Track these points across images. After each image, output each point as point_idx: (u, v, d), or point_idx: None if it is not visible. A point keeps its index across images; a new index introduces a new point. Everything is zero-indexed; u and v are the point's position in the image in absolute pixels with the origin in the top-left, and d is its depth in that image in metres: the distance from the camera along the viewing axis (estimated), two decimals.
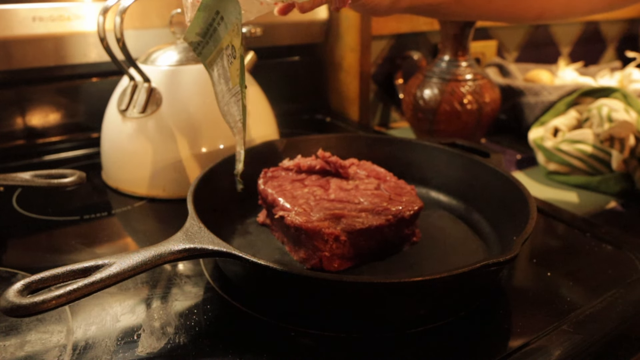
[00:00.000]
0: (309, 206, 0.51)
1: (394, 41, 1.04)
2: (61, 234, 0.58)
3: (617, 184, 0.72)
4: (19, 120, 0.80)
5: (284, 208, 0.51)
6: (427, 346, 0.40)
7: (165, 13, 0.81)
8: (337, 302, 0.42)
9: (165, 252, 0.40)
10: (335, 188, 0.55)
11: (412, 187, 0.57)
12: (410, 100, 0.87)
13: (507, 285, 0.49)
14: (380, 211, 0.51)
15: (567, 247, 0.56)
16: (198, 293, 0.47)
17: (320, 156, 0.60)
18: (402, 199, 0.54)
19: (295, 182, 0.57)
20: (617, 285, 0.48)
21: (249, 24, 0.79)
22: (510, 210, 0.53)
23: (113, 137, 0.68)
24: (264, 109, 0.74)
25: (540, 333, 0.41)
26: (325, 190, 0.55)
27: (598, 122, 0.76)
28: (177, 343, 0.40)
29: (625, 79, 1.03)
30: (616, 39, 1.47)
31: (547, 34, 1.31)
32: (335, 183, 0.57)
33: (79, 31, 0.77)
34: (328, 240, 0.47)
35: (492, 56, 1.17)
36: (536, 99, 0.92)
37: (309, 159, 0.61)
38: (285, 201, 0.52)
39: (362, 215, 0.50)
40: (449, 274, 0.38)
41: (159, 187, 0.66)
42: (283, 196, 0.53)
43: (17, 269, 0.50)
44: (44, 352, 0.39)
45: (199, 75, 0.67)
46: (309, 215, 0.49)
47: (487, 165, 0.59)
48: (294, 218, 0.48)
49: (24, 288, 0.35)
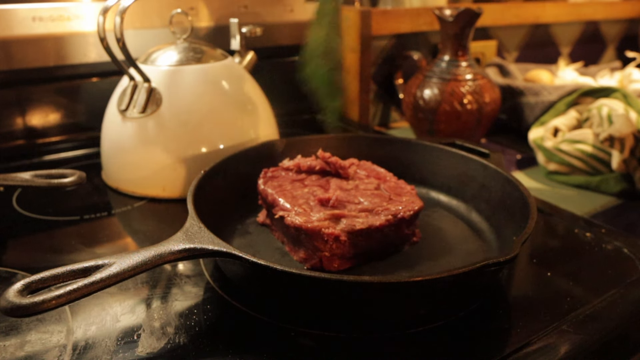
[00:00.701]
0: (309, 206, 0.51)
1: (394, 41, 1.04)
2: (61, 234, 0.58)
3: (617, 184, 0.72)
4: (19, 120, 0.80)
5: (284, 208, 0.51)
6: (427, 346, 0.40)
7: (165, 13, 0.81)
8: (337, 302, 0.42)
9: (165, 252, 0.40)
10: (335, 188, 0.55)
11: (412, 187, 0.57)
12: (410, 100, 0.87)
13: (507, 285, 0.49)
14: (380, 211, 0.51)
15: (567, 247, 0.56)
16: (198, 293, 0.47)
17: (320, 156, 0.60)
18: (402, 199, 0.54)
19: (295, 182, 0.57)
20: (617, 285, 0.48)
21: (248, 24, 0.79)
22: (510, 210, 0.53)
23: (113, 137, 0.68)
24: (264, 109, 0.74)
25: (540, 333, 0.41)
26: (325, 190, 0.55)
27: (598, 122, 0.76)
28: (177, 343, 0.40)
29: (625, 79, 1.03)
30: (616, 39, 1.47)
31: (547, 34, 1.31)
32: (335, 183, 0.57)
33: (79, 31, 0.77)
34: (328, 241, 0.47)
35: (492, 56, 1.17)
36: (536, 99, 0.92)
37: (309, 159, 0.61)
38: (285, 201, 0.52)
39: (362, 215, 0.50)
40: (449, 274, 0.38)
41: (159, 187, 0.66)
42: (283, 196, 0.53)
43: (17, 269, 0.50)
44: (44, 352, 0.39)
45: (199, 75, 0.67)
46: (309, 215, 0.49)
47: (487, 165, 0.59)
48: (294, 218, 0.48)
49: (24, 288, 0.35)
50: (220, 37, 0.86)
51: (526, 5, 1.21)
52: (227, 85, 0.69)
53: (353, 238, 0.48)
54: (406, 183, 0.58)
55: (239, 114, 0.69)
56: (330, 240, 0.47)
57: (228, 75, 0.70)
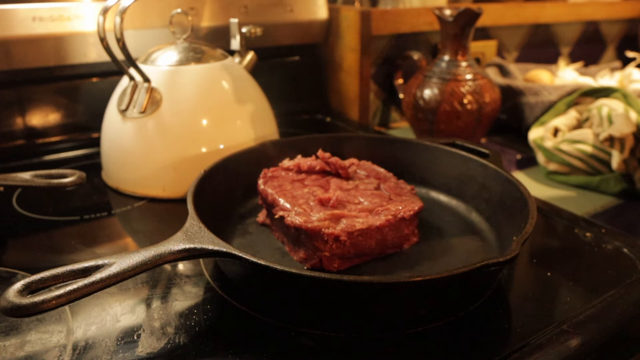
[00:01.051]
0: (309, 206, 0.51)
1: (394, 41, 1.04)
2: (61, 234, 0.58)
3: (617, 184, 0.72)
4: (19, 120, 0.80)
5: (284, 208, 0.51)
6: (427, 346, 0.40)
7: (165, 13, 0.81)
8: (337, 302, 0.42)
9: (165, 252, 0.40)
10: (336, 188, 0.55)
11: (412, 187, 0.57)
12: (410, 100, 0.87)
13: (507, 285, 0.49)
14: (380, 211, 0.51)
15: (567, 247, 0.56)
16: (198, 293, 0.47)
17: (320, 156, 0.60)
18: (402, 199, 0.54)
19: (295, 182, 0.57)
20: (617, 285, 0.48)
21: (248, 24, 0.79)
22: (510, 210, 0.53)
23: (113, 137, 0.68)
24: (264, 109, 0.74)
25: (540, 333, 0.41)
26: (325, 190, 0.55)
27: (598, 122, 0.76)
28: (177, 343, 0.40)
29: (625, 79, 1.03)
30: (616, 39, 1.47)
31: (547, 34, 1.31)
32: (335, 183, 0.57)
33: (79, 31, 0.77)
34: (328, 241, 0.47)
35: (492, 56, 1.17)
36: (536, 99, 0.92)
37: (309, 159, 0.61)
38: (285, 201, 0.52)
39: (362, 215, 0.50)
40: (449, 274, 0.38)
41: (159, 187, 0.66)
42: (283, 196, 0.53)
43: (17, 269, 0.50)
44: (44, 352, 0.39)
45: (199, 75, 0.67)
46: (309, 215, 0.49)
47: (487, 165, 0.59)
48: (293, 218, 0.48)
49: (24, 288, 0.35)
50: (220, 37, 0.86)
51: (526, 5, 1.21)
52: (227, 85, 0.69)
53: (353, 238, 0.48)
54: (406, 183, 0.58)
55: (239, 114, 0.69)
56: (330, 240, 0.47)
57: (228, 75, 0.70)
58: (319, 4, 0.97)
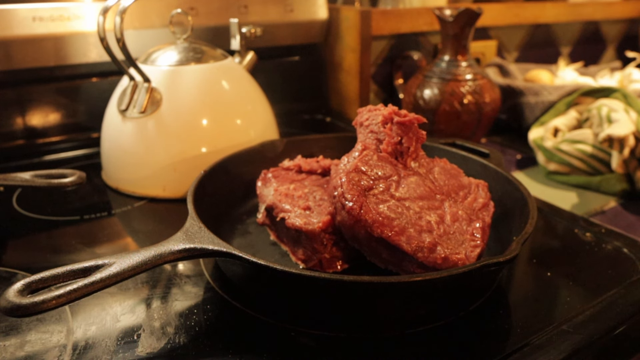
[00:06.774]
0: (309, 207, 0.51)
1: (394, 41, 1.04)
2: (61, 234, 0.58)
3: (617, 184, 0.72)
4: (19, 120, 0.80)
5: (284, 209, 0.51)
6: (427, 346, 0.40)
7: (165, 13, 0.81)
8: (337, 302, 0.42)
9: (165, 252, 0.40)
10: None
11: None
12: (410, 100, 0.87)
13: (507, 285, 0.49)
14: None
15: (567, 247, 0.56)
16: (198, 293, 0.47)
17: (322, 165, 0.59)
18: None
19: (295, 182, 0.57)
20: (617, 285, 0.48)
21: (248, 24, 0.79)
22: (510, 210, 0.53)
23: (113, 137, 0.68)
24: (264, 109, 0.74)
25: (540, 333, 0.41)
26: (325, 191, 0.55)
27: (598, 122, 0.76)
28: (177, 343, 0.40)
29: (625, 79, 1.03)
30: (616, 39, 1.47)
31: (547, 34, 1.31)
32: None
33: (79, 31, 0.77)
34: (327, 245, 0.47)
35: (492, 56, 1.17)
36: (536, 99, 0.92)
37: (310, 160, 0.61)
38: (285, 202, 0.52)
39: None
40: (449, 274, 0.38)
41: (159, 187, 0.66)
42: (283, 197, 0.53)
43: (17, 269, 0.50)
44: (44, 352, 0.39)
45: (199, 75, 0.67)
46: (309, 217, 0.49)
47: (487, 165, 0.59)
48: (294, 220, 0.48)
49: (24, 288, 0.35)
50: (220, 37, 0.86)
51: (526, 5, 1.21)
52: (227, 85, 0.69)
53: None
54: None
55: (239, 114, 0.69)
56: (330, 244, 0.47)
57: (228, 75, 0.70)
58: (319, 4, 0.97)
